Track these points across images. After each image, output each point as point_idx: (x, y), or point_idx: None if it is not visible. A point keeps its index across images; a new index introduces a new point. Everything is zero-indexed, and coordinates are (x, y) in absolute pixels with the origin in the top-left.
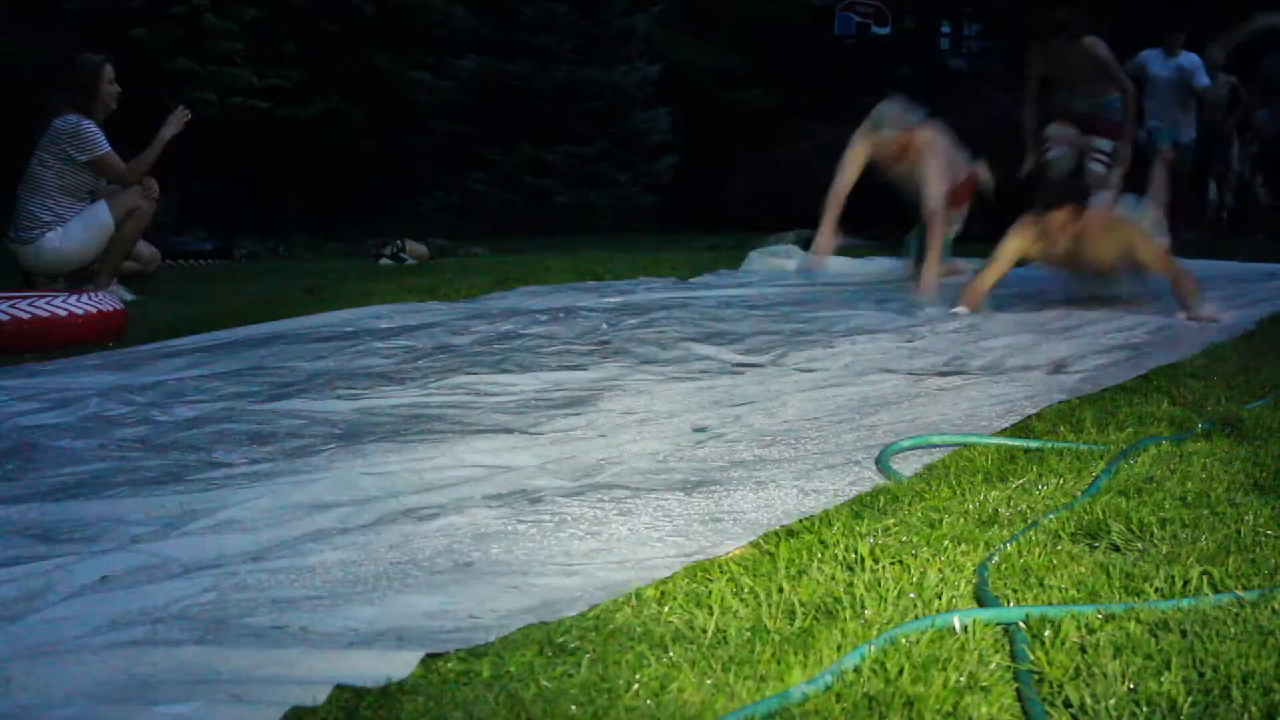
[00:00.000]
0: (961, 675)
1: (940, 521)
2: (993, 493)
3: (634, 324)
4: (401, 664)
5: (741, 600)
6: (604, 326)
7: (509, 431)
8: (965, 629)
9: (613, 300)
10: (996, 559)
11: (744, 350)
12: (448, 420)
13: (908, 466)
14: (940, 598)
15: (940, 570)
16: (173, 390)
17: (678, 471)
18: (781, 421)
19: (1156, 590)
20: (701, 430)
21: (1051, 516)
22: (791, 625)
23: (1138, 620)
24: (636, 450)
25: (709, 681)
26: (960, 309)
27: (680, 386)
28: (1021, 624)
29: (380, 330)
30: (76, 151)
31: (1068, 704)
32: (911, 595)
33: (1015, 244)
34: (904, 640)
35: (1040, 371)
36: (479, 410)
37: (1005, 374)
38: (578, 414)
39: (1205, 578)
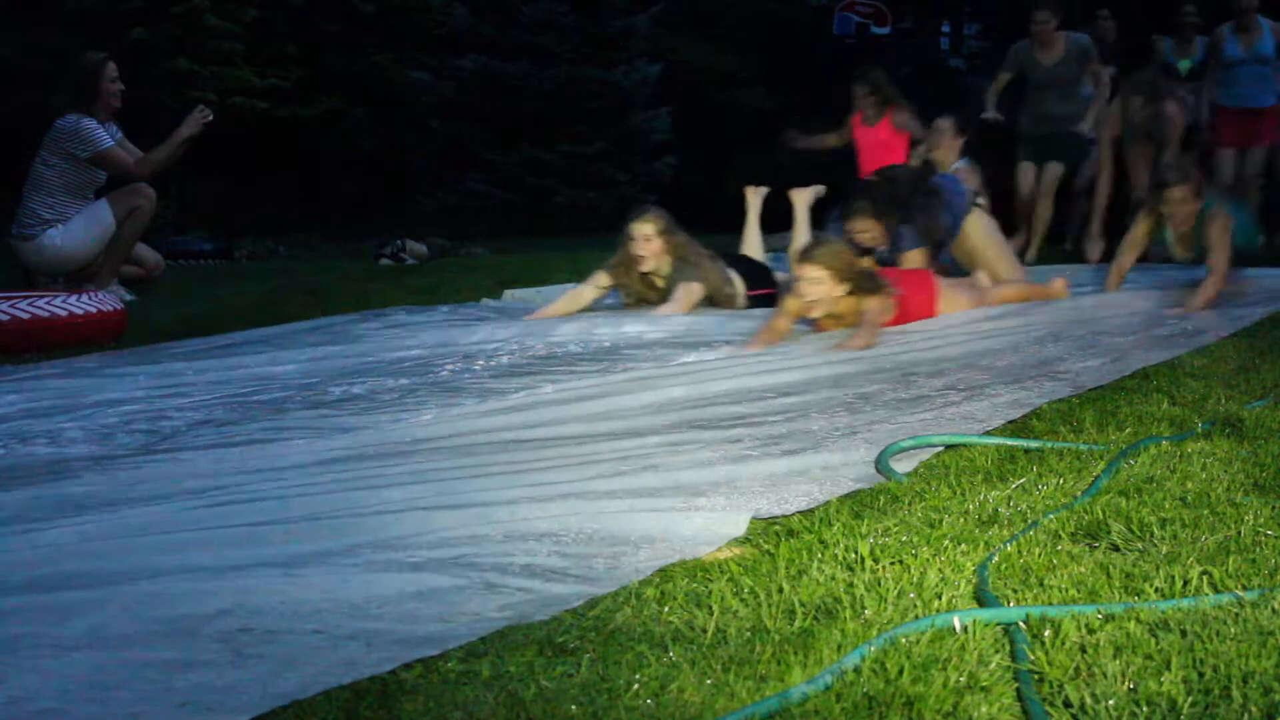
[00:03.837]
0: (961, 675)
1: (940, 521)
2: (993, 493)
3: None
4: (370, 665)
5: (741, 600)
6: None
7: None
8: (965, 629)
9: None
10: (996, 559)
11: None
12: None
13: (907, 466)
14: (940, 598)
15: (940, 570)
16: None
17: (654, 471)
18: (776, 422)
19: (1156, 590)
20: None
21: (1051, 516)
22: (791, 625)
23: (1138, 620)
24: (610, 450)
25: (709, 681)
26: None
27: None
28: (1021, 624)
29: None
30: (79, 149)
31: (1068, 704)
32: (911, 595)
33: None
34: (904, 640)
35: (1035, 372)
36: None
37: (1001, 375)
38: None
39: (1205, 578)
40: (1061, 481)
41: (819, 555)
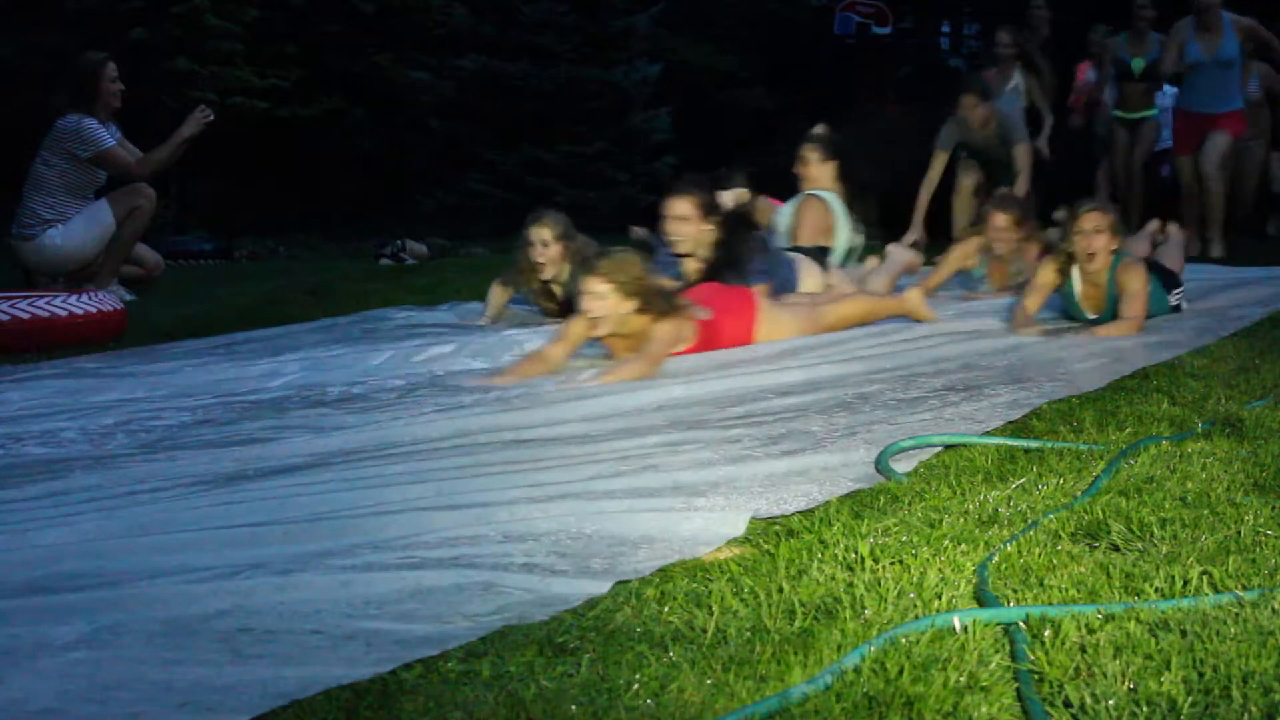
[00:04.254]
0: (961, 675)
1: (940, 521)
2: (993, 493)
3: None
4: (369, 665)
5: (741, 600)
6: None
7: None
8: (965, 629)
9: None
10: (996, 559)
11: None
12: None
13: (907, 466)
14: (940, 598)
15: (940, 570)
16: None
17: (653, 471)
18: (775, 422)
19: (1156, 590)
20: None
21: (1051, 516)
22: (791, 625)
23: (1138, 620)
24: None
25: (709, 681)
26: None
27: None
28: (1021, 624)
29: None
30: (80, 149)
31: (1068, 704)
32: (911, 595)
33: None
34: (904, 640)
35: (1035, 372)
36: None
37: (1001, 375)
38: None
39: (1205, 578)
40: (1061, 481)
41: (819, 555)
